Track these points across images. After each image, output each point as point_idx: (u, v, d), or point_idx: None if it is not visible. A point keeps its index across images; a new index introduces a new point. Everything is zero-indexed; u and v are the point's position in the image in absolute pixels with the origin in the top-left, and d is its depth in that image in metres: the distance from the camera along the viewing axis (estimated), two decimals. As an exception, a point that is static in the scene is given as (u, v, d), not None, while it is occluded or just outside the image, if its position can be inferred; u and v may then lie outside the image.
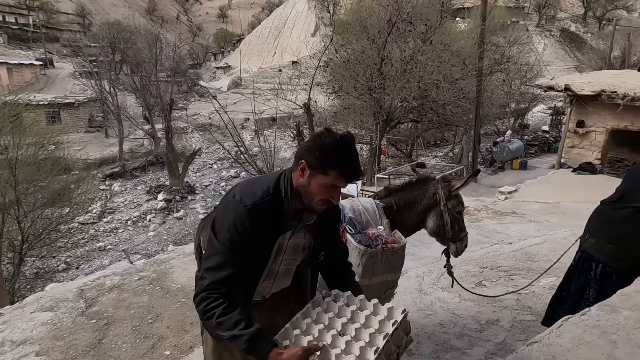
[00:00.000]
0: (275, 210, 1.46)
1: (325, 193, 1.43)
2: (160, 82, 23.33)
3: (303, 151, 1.43)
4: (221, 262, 1.41)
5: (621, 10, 44.99)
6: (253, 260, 1.48)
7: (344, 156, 1.40)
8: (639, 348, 1.71)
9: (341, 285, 1.66)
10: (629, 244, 2.36)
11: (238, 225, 1.40)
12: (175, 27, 57.63)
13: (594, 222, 2.64)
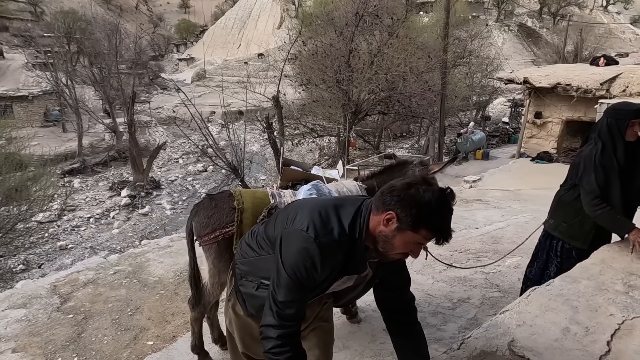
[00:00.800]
0: (348, 250, 1.39)
1: (409, 249, 1.35)
2: (121, 74, 22.52)
3: (395, 202, 1.30)
4: (288, 298, 1.38)
5: (574, 6, 47.23)
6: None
7: (441, 217, 1.29)
8: (596, 312, 1.90)
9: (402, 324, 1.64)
10: (580, 221, 2.58)
11: (308, 264, 1.34)
12: (135, 17, 55.48)
13: (552, 204, 2.88)
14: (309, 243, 1.33)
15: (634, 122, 2.38)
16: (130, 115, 21.13)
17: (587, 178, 2.47)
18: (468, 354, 1.66)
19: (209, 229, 2.46)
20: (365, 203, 1.41)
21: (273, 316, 1.39)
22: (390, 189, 1.33)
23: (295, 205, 1.59)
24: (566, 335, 1.75)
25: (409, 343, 1.61)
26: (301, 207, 1.48)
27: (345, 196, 1.52)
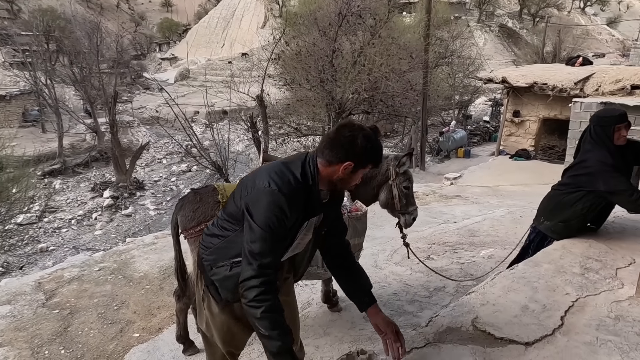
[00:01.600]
0: (306, 196, 1.57)
1: (359, 179, 1.66)
2: (102, 74, 22.22)
3: (348, 154, 1.55)
4: (265, 248, 1.50)
5: (552, 8, 48.30)
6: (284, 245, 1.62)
7: (378, 151, 1.63)
8: (554, 291, 2.07)
9: (343, 267, 1.84)
10: (578, 221, 2.70)
11: (278, 212, 1.49)
12: (116, 16, 54.66)
13: (547, 205, 2.91)
14: (274, 195, 1.51)
15: (619, 127, 2.48)
16: (112, 115, 20.86)
17: (614, 182, 2.48)
18: (435, 330, 1.80)
19: (194, 222, 2.56)
20: (309, 155, 1.65)
21: (253, 268, 1.50)
22: (333, 143, 1.60)
23: (247, 178, 1.73)
24: (525, 312, 1.91)
25: (352, 277, 1.85)
26: (255, 176, 1.65)
27: (290, 156, 1.72)
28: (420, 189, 8.13)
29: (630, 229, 2.82)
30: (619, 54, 43.01)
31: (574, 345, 1.69)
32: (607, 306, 1.94)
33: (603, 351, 1.65)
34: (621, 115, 2.52)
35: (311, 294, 3.49)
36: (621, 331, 1.76)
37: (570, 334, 1.76)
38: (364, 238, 2.67)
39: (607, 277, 2.19)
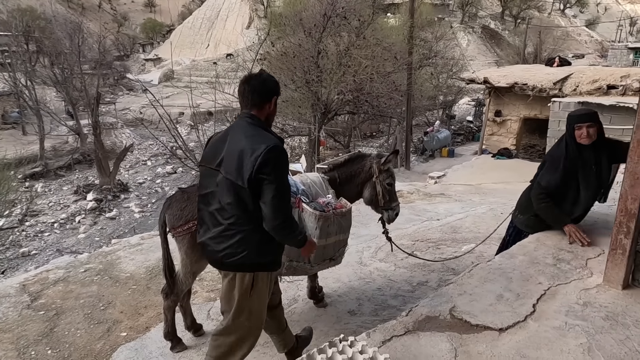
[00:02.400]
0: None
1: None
2: (85, 75, 21.90)
3: (270, 90, 1.98)
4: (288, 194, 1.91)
5: (533, 10, 49.26)
6: None
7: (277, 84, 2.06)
8: (527, 281, 2.17)
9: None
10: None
11: (286, 162, 1.89)
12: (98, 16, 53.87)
13: (522, 200, 3.04)
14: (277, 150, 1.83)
15: (579, 126, 2.57)
16: (95, 117, 20.58)
17: (547, 177, 2.68)
18: (415, 319, 1.88)
19: (182, 221, 2.60)
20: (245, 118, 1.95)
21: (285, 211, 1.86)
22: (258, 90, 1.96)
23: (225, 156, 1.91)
24: (500, 300, 2.01)
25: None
26: (237, 150, 1.87)
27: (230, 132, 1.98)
28: (404, 187, 8.26)
29: (602, 222, 2.95)
30: (598, 54, 44.15)
31: (544, 330, 1.79)
32: (576, 294, 2.05)
33: (571, 334, 1.75)
34: (580, 115, 2.61)
35: (297, 290, 3.55)
36: (588, 316, 1.87)
37: (541, 319, 1.86)
38: (348, 234, 2.75)
39: (577, 267, 2.31)
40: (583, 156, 2.59)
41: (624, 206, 1.98)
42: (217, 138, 2.05)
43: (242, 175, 1.78)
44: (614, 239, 2.05)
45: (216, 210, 1.91)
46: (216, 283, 3.82)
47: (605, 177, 2.63)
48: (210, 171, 1.94)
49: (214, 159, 1.92)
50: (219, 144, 1.96)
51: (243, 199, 1.82)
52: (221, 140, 1.96)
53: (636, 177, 1.92)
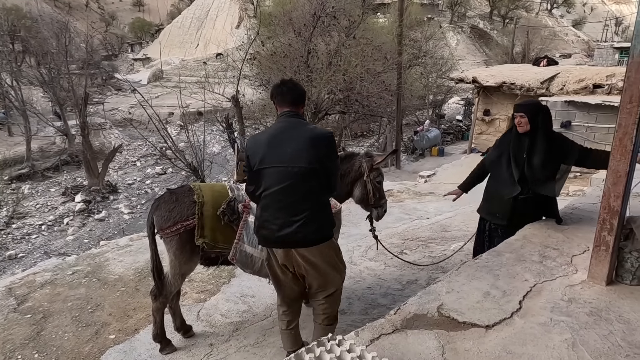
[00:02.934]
0: None
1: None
2: (72, 75, 21.62)
3: (303, 92, 2.32)
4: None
5: (521, 10, 49.76)
6: None
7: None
8: (514, 278, 2.20)
9: None
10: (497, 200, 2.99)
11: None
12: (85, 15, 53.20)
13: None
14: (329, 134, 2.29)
15: (515, 115, 2.81)
16: (83, 118, 20.33)
17: (490, 152, 3.22)
18: (403, 317, 1.90)
19: (171, 222, 2.59)
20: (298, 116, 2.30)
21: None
22: (292, 90, 2.29)
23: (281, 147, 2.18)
24: (487, 297, 2.03)
25: None
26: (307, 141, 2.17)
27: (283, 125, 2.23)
28: (395, 187, 8.30)
29: (587, 219, 3.00)
30: (585, 54, 44.72)
31: (530, 326, 1.82)
32: (561, 290, 2.08)
33: (556, 330, 1.78)
34: (517, 105, 2.89)
35: (287, 290, 3.55)
36: (573, 312, 1.90)
37: (527, 316, 1.89)
38: (338, 235, 2.76)
39: (562, 264, 2.34)
40: (519, 142, 2.80)
41: (607, 203, 2.02)
42: (269, 138, 2.21)
43: (320, 161, 2.13)
44: (597, 236, 2.08)
45: (296, 201, 2.15)
46: (206, 284, 3.81)
47: (535, 168, 2.75)
48: (280, 169, 2.14)
49: (283, 158, 2.14)
50: (278, 143, 2.17)
51: (320, 181, 2.16)
52: (279, 139, 2.18)
53: (618, 174, 1.96)
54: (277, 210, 2.16)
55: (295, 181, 2.12)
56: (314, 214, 2.17)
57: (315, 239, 2.19)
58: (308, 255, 2.20)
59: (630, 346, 1.68)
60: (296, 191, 2.14)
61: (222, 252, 2.64)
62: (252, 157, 2.21)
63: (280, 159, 2.14)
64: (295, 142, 2.14)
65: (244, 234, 2.60)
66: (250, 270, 2.70)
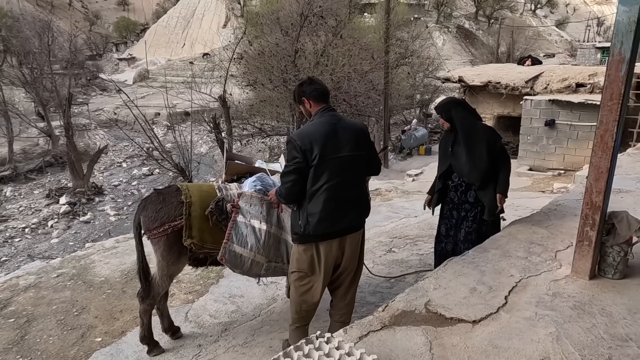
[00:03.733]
0: None
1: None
2: (55, 75, 21.25)
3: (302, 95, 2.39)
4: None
5: (506, 10, 50.40)
6: None
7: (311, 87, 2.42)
8: (500, 274, 2.23)
9: None
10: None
11: None
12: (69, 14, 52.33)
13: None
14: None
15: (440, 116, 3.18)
16: (67, 118, 19.99)
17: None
18: (391, 314, 1.91)
19: (158, 223, 2.56)
20: (329, 107, 2.40)
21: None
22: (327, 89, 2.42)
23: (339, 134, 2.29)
24: (473, 293, 2.06)
25: None
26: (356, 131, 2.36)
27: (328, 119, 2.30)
28: (383, 185, 8.35)
29: (570, 216, 3.05)
30: (568, 54, 45.50)
31: (516, 321, 1.84)
32: (546, 285, 2.12)
33: (541, 324, 1.81)
34: (435, 107, 3.29)
35: (276, 290, 3.55)
36: (557, 306, 1.94)
37: (513, 311, 1.92)
38: None
39: (547, 260, 2.39)
40: (447, 138, 3.16)
41: (589, 199, 2.06)
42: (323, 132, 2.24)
43: (367, 147, 2.35)
44: (580, 231, 2.13)
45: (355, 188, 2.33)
46: (194, 285, 3.78)
47: (460, 162, 3.00)
48: (341, 159, 2.23)
49: (341, 148, 2.24)
50: (332, 135, 2.24)
51: (365, 167, 2.36)
52: (332, 131, 2.24)
53: (600, 171, 2.00)
54: (344, 198, 2.27)
55: (354, 169, 2.28)
56: (366, 197, 2.42)
57: (364, 221, 2.43)
58: (359, 238, 2.40)
59: (613, 338, 1.71)
60: (356, 178, 2.32)
61: (211, 253, 2.62)
62: (308, 152, 2.19)
63: (340, 149, 2.23)
64: (347, 133, 2.27)
65: (233, 234, 2.59)
66: (240, 270, 2.69)
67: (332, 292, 2.55)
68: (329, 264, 2.32)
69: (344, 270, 2.42)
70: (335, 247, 2.30)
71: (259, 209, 2.62)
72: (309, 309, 2.45)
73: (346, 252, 2.34)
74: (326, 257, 2.30)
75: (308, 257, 2.30)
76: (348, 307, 2.53)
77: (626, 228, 2.07)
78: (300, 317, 2.48)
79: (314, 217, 2.22)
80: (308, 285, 2.36)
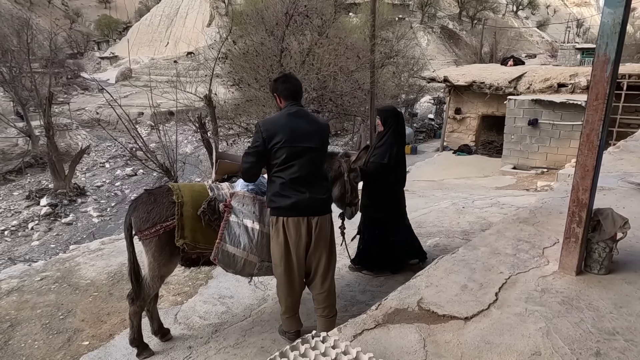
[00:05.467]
0: None
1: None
2: (35, 73, 20.77)
3: (302, 88, 2.62)
4: None
5: (489, 11, 51.14)
6: None
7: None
8: (489, 271, 2.27)
9: None
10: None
11: None
12: (48, 12, 51.20)
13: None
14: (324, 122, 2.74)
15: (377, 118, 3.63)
16: (48, 118, 19.56)
17: None
18: (384, 313, 1.92)
19: (150, 223, 2.53)
20: (296, 105, 2.55)
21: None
22: (300, 87, 2.60)
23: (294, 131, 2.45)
24: (464, 290, 2.08)
25: None
26: (319, 128, 2.55)
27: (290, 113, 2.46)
28: (370, 185, 8.37)
29: (555, 213, 3.12)
30: (549, 54, 46.39)
31: (506, 317, 1.88)
32: (534, 281, 2.16)
33: (531, 320, 1.85)
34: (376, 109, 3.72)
35: (266, 290, 3.54)
36: (546, 302, 1.98)
37: (503, 307, 1.95)
38: None
39: (535, 256, 2.43)
40: (377, 139, 3.61)
41: (576, 197, 2.11)
42: (286, 121, 2.44)
43: (327, 143, 2.57)
44: (567, 228, 2.17)
45: (311, 174, 2.45)
46: (182, 286, 3.74)
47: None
48: (299, 148, 2.41)
49: (302, 139, 2.42)
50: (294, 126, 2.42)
51: (323, 162, 2.56)
52: (294, 123, 2.43)
53: (586, 169, 2.05)
54: (295, 180, 2.41)
55: (312, 159, 2.44)
56: (322, 186, 2.54)
57: (324, 207, 2.53)
58: (319, 224, 2.47)
59: (600, 332, 1.76)
60: (312, 166, 2.45)
61: (203, 253, 2.60)
62: (269, 138, 2.41)
63: (302, 139, 2.41)
64: (310, 125, 2.46)
65: (226, 233, 2.57)
66: (233, 270, 2.68)
67: (309, 285, 2.66)
68: (298, 245, 2.47)
69: (314, 255, 2.53)
70: (302, 228, 2.44)
71: (252, 208, 2.61)
72: (294, 299, 2.62)
73: (313, 235, 2.47)
74: (296, 236, 2.45)
75: (281, 240, 2.47)
76: (329, 300, 2.61)
77: (611, 225, 2.13)
78: (287, 307, 2.64)
79: (277, 195, 2.46)
80: (286, 275, 2.53)
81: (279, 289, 2.63)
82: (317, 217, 2.46)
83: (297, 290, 2.62)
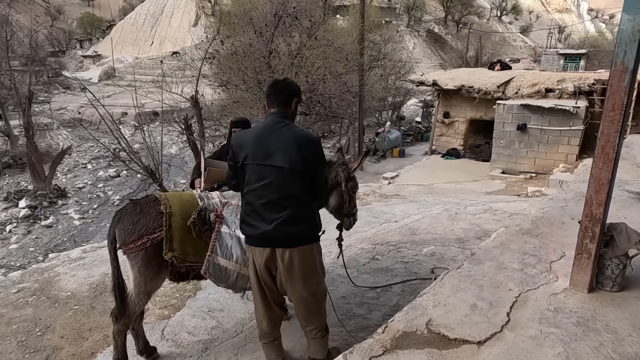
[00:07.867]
0: None
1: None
2: (14, 72, 20.17)
3: (293, 92, 2.28)
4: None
5: (474, 15, 51.78)
6: None
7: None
8: (498, 288, 2.16)
9: None
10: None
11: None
12: (28, 9, 49.91)
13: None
14: (316, 138, 2.28)
15: (234, 130, 3.27)
16: (27, 117, 19.00)
17: None
18: (391, 337, 1.80)
19: (135, 236, 2.36)
20: (279, 115, 2.26)
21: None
22: (278, 92, 2.28)
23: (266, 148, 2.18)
24: (474, 310, 1.97)
25: None
26: (292, 143, 2.15)
27: (269, 125, 2.24)
28: (360, 189, 8.27)
29: (557, 224, 3.04)
30: (532, 59, 47.19)
31: (521, 340, 1.77)
32: (546, 299, 2.06)
33: (547, 344, 1.74)
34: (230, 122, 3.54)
35: (259, 303, 3.37)
36: (561, 323, 1.88)
37: (517, 329, 1.84)
38: None
39: (543, 271, 2.34)
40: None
41: (589, 211, 2.02)
42: (255, 136, 2.21)
43: (304, 162, 2.12)
44: (579, 244, 2.08)
45: (278, 200, 2.15)
46: (169, 299, 3.56)
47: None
48: (262, 167, 2.16)
49: (266, 155, 2.15)
50: (263, 142, 2.17)
51: (304, 183, 2.17)
52: (264, 137, 2.18)
53: (601, 182, 1.96)
54: (260, 207, 2.18)
55: (277, 179, 2.14)
56: (295, 214, 2.16)
57: (296, 239, 2.18)
58: (286, 257, 2.18)
59: (622, 358, 1.66)
60: (278, 189, 2.15)
61: (193, 266, 2.44)
62: (238, 152, 2.23)
63: (265, 156, 2.15)
64: (280, 141, 2.15)
65: (217, 245, 2.42)
66: (225, 285, 2.53)
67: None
68: (263, 274, 2.26)
69: (288, 286, 2.26)
70: (268, 254, 2.21)
71: None
72: (271, 324, 2.39)
73: (278, 268, 2.23)
74: (258, 265, 2.26)
75: (252, 263, 2.31)
76: (314, 323, 2.35)
77: (625, 240, 2.04)
78: (263, 332, 2.41)
79: (243, 222, 2.28)
80: (261, 296, 2.35)
81: (255, 309, 2.40)
82: (287, 250, 2.18)
83: (277, 313, 2.41)
